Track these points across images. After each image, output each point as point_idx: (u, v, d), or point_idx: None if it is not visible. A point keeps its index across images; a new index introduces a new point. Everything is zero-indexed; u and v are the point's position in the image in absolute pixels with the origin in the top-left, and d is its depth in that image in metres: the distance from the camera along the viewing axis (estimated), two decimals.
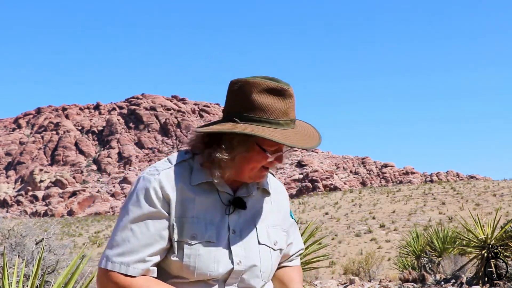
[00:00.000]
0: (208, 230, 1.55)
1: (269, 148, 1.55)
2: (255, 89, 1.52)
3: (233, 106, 1.56)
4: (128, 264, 1.49)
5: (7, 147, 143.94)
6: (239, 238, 1.58)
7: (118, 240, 1.51)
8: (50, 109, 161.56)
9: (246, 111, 1.53)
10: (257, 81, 1.53)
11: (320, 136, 1.63)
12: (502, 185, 64.62)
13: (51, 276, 6.45)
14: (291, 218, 1.80)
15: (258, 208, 1.67)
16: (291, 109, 1.57)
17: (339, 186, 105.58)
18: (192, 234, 1.53)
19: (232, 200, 1.60)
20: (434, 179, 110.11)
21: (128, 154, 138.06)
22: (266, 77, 1.56)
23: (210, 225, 1.55)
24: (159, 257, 1.53)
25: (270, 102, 1.52)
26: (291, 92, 1.57)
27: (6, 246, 6.69)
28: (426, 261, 12.45)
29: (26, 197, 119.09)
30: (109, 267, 1.49)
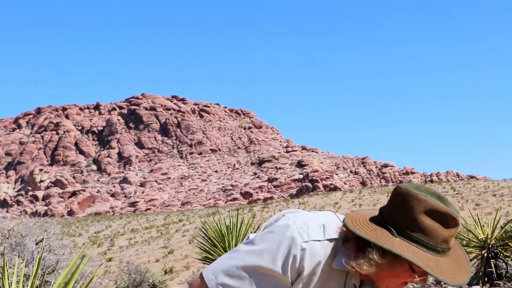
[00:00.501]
0: None
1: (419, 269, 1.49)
2: (422, 207, 1.46)
3: (395, 216, 1.50)
4: None
5: (7, 147, 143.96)
6: None
7: (236, 273, 1.50)
8: (50, 109, 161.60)
9: (406, 227, 1.47)
10: (426, 200, 1.47)
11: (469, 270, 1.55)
12: (502, 185, 64.58)
13: (51, 276, 6.45)
14: None
15: None
16: (452, 237, 1.51)
17: (339, 186, 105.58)
18: None
19: None
20: (434, 179, 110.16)
21: (128, 154, 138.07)
22: (436, 195, 1.50)
23: None
24: None
25: (434, 227, 1.46)
26: (458, 221, 1.50)
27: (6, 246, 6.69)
28: None
29: (26, 197, 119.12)
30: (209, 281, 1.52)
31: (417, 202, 1.47)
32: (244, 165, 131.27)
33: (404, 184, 1.54)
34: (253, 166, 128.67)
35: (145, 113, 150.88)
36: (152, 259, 33.87)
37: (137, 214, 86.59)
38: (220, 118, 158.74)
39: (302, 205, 71.81)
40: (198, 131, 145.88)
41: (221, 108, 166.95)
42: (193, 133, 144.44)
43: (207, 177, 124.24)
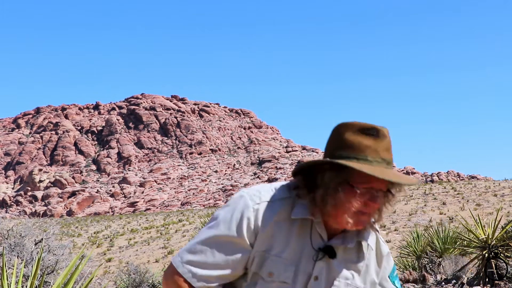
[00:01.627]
0: (287, 271, 1.55)
1: (359, 185, 1.53)
2: (349, 129, 1.55)
3: (327, 147, 1.60)
4: (194, 275, 1.54)
5: (6, 147, 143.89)
6: (319, 286, 1.57)
7: (197, 248, 1.56)
8: (49, 109, 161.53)
9: (336, 149, 1.55)
10: (352, 123, 1.56)
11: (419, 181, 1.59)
12: (503, 185, 64.58)
13: (50, 276, 6.42)
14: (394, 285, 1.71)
15: (346, 260, 1.63)
16: (383, 150, 1.55)
17: None
18: (269, 271, 1.55)
19: (323, 247, 1.57)
20: (434, 179, 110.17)
21: (128, 154, 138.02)
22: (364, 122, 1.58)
23: (290, 267, 1.55)
24: (224, 281, 1.57)
25: (360, 140, 1.53)
26: (384, 132, 1.57)
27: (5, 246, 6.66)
28: (427, 261, 12.43)
29: (25, 197, 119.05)
30: (179, 270, 1.56)
31: (344, 127, 1.56)
32: (244, 165, 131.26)
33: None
34: (253, 166, 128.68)
35: (145, 113, 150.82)
36: (151, 260, 33.85)
37: (136, 214, 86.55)
38: (220, 118, 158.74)
39: None
40: (198, 131, 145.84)
41: (221, 108, 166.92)
42: (193, 133, 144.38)
43: (207, 177, 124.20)
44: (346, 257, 1.62)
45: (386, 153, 1.56)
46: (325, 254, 1.57)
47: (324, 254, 1.57)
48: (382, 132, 1.57)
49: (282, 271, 1.55)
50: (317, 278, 1.56)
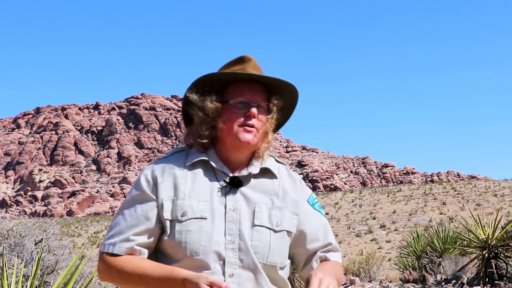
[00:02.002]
0: (201, 207, 1.59)
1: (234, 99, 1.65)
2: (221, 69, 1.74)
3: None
4: (114, 244, 1.59)
5: (6, 147, 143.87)
6: (236, 217, 1.60)
7: (111, 225, 1.63)
8: (49, 109, 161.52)
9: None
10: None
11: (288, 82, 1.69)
12: (503, 185, 64.60)
13: (50, 276, 6.42)
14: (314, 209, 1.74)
15: (260, 189, 1.67)
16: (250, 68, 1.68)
17: (339, 186, 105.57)
18: (183, 211, 1.58)
19: (229, 180, 1.63)
20: (434, 179, 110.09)
21: (128, 154, 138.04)
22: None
23: (203, 203, 1.60)
24: (145, 238, 1.59)
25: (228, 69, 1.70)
26: (250, 57, 1.72)
27: (5, 246, 6.66)
28: (427, 261, 12.43)
29: (25, 197, 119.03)
30: (100, 250, 1.62)
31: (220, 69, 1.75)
32: None
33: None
34: None
35: (145, 113, 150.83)
36: None
37: None
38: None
39: None
40: None
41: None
42: None
43: None
44: (261, 186, 1.67)
45: (252, 69, 1.68)
46: (232, 186, 1.62)
47: (231, 186, 1.62)
48: (248, 57, 1.72)
49: (196, 208, 1.58)
50: (233, 210, 1.60)
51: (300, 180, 1.77)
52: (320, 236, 1.71)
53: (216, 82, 1.69)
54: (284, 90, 1.72)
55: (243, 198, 1.63)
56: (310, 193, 1.76)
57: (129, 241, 1.58)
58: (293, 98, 1.75)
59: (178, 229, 1.57)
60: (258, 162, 1.69)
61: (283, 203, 1.67)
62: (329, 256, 1.70)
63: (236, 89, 1.67)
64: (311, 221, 1.71)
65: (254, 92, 1.67)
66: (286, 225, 1.64)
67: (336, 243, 1.74)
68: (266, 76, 1.66)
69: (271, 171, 1.70)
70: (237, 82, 1.69)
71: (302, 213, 1.70)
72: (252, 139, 1.63)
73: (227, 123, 1.63)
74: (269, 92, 1.71)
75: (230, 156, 1.67)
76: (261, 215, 1.62)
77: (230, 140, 1.64)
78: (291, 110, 1.79)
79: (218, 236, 1.57)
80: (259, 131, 1.65)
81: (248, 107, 1.64)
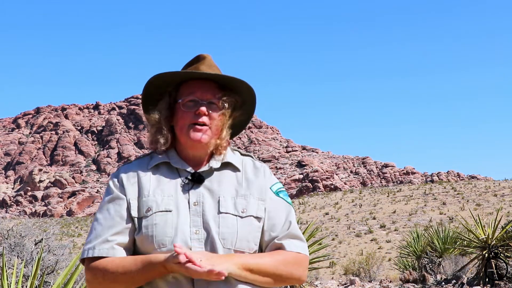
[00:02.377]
0: (165, 201, 1.63)
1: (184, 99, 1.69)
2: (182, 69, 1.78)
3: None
4: (94, 248, 1.60)
5: (6, 147, 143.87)
6: (200, 209, 1.63)
7: (89, 232, 1.66)
8: (49, 109, 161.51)
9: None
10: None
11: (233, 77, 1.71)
12: (503, 185, 64.60)
13: (50, 276, 6.42)
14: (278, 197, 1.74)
15: (224, 181, 1.70)
16: (204, 66, 1.72)
17: (339, 186, 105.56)
18: (147, 207, 1.63)
19: (191, 176, 1.67)
20: (434, 179, 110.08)
21: (128, 154, 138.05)
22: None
23: (168, 198, 1.64)
24: (123, 237, 1.62)
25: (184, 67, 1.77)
26: (205, 55, 1.76)
27: (5, 246, 6.66)
28: (427, 261, 12.43)
29: (25, 197, 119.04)
30: (80, 257, 1.63)
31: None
32: None
33: None
34: None
35: None
36: None
37: None
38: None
39: (302, 205, 71.72)
40: None
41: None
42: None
43: None
44: (224, 178, 1.71)
45: (205, 67, 1.72)
46: (193, 182, 1.66)
47: (193, 182, 1.66)
48: (203, 56, 1.76)
49: (160, 203, 1.63)
50: (196, 204, 1.64)
51: (265, 168, 1.78)
52: (279, 224, 1.69)
53: (167, 84, 1.74)
54: (238, 87, 1.75)
55: (207, 191, 1.66)
56: (274, 181, 1.77)
57: (108, 241, 1.60)
58: (250, 94, 1.78)
59: (145, 224, 1.61)
60: (219, 157, 1.73)
61: (247, 191, 1.69)
62: (285, 244, 1.67)
63: (186, 88, 1.71)
64: (271, 208, 1.71)
65: (205, 90, 1.70)
66: (252, 210, 1.66)
67: (298, 232, 1.71)
68: (206, 73, 1.68)
69: (233, 164, 1.73)
70: (189, 81, 1.73)
71: (267, 201, 1.71)
72: (203, 137, 1.66)
73: (179, 122, 1.68)
74: (223, 89, 1.73)
75: (188, 153, 1.72)
76: (226, 203, 1.65)
77: (183, 139, 1.69)
78: (252, 107, 1.82)
79: (184, 227, 1.60)
80: (211, 128, 1.68)
81: (198, 105, 1.67)
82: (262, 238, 1.69)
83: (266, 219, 1.69)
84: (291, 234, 1.69)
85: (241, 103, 1.78)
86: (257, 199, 1.68)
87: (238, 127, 1.85)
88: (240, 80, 1.72)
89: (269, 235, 1.68)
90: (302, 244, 1.71)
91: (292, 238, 1.69)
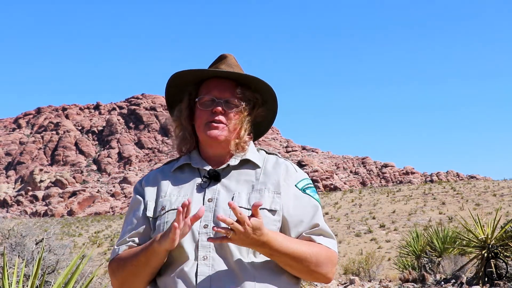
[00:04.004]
0: (179, 200, 1.66)
1: (202, 99, 1.71)
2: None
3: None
4: (114, 250, 1.70)
5: (7, 147, 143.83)
6: (213, 205, 1.64)
7: (123, 227, 1.75)
8: (50, 109, 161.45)
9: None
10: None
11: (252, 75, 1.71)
12: (502, 185, 64.53)
13: (51, 276, 6.45)
14: (304, 193, 1.71)
15: (242, 179, 1.71)
16: (223, 65, 1.74)
17: (339, 186, 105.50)
18: (162, 206, 1.67)
19: (207, 173, 1.69)
20: (434, 179, 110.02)
21: (128, 154, 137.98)
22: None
23: (182, 197, 1.67)
24: (141, 238, 1.67)
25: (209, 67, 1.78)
26: (226, 55, 1.78)
27: (6, 246, 6.68)
28: (426, 261, 12.44)
29: (26, 197, 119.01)
30: (109, 259, 1.73)
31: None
32: None
33: None
34: None
35: (145, 113, 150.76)
36: None
37: None
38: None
39: None
40: None
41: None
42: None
43: None
44: (242, 176, 1.72)
45: (224, 66, 1.73)
46: (210, 179, 1.68)
47: (210, 180, 1.68)
48: (224, 55, 1.78)
49: (174, 201, 1.66)
50: (210, 200, 1.65)
51: (287, 165, 1.76)
52: (306, 219, 1.66)
53: (186, 83, 1.77)
54: (256, 85, 1.75)
55: (224, 189, 1.67)
56: (300, 178, 1.74)
57: (126, 242, 1.68)
58: (269, 92, 1.77)
59: (158, 223, 1.66)
60: (239, 155, 1.73)
61: (262, 186, 1.68)
62: (315, 239, 1.64)
63: (204, 87, 1.74)
64: (297, 204, 1.68)
65: (223, 89, 1.71)
66: (266, 203, 1.64)
67: (327, 228, 1.68)
68: (219, 70, 1.70)
69: (253, 162, 1.73)
70: (207, 80, 1.75)
71: (288, 196, 1.68)
72: (220, 134, 1.68)
73: (197, 121, 1.72)
74: (241, 88, 1.74)
75: (208, 152, 1.74)
76: (240, 198, 1.65)
77: (202, 137, 1.72)
78: (274, 104, 1.82)
79: (195, 223, 1.59)
80: (228, 126, 1.69)
81: (214, 104, 1.69)
82: (288, 234, 1.65)
83: (291, 216, 1.65)
84: (320, 230, 1.67)
85: (262, 101, 1.78)
86: (272, 192, 1.67)
87: (265, 125, 1.86)
88: (257, 79, 1.72)
89: (296, 231, 1.65)
90: (332, 240, 1.67)
91: (323, 235, 1.66)
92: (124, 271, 1.62)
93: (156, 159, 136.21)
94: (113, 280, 1.67)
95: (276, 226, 1.63)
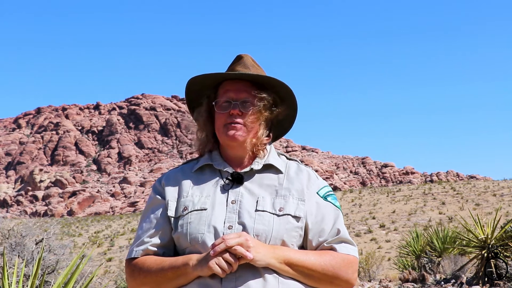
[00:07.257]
0: (202, 201, 1.67)
1: (219, 101, 1.73)
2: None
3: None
4: (132, 250, 1.71)
5: (7, 147, 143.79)
6: (237, 206, 1.65)
7: (140, 225, 1.76)
8: (50, 109, 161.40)
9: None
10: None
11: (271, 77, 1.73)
12: (502, 185, 64.53)
13: (51, 276, 6.45)
14: (326, 201, 1.73)
15: (265, 184, 1.72)
16: (240, 66, 1.76)
17: (339, 186, 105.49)
18: (184, 206, 1.68)
19: (231, 176, 1.71)
20: (434, 179, 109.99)
21: (128, 154, 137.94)
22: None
23: (205, 198, 1.68)
24: (159, 238, 1.68)
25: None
26: (242, 55, 1.80)
27: (6, 246, 6.69)
28: (426, 261, 12.43)
29: (26, 197, 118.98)
30: (126, 258, 1.74)
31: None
32: None
33: None
34: None
35: (145, 113, 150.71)
36: None
37: (137, 214, 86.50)
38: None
39: None
40: None
41: None
42: (193, 133, 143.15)
43: None
44: (265, 180, 1.73)
45: (240, 67, 1.76)
46: (233, 182, 1.69)
47: (233, 182, 1.69)
48: (240, 56, 1.81)
49: (197, 202, 1.67)
50: (234, 202, 1.66)
51: (309, 172, 1.78)
52: (327, 228, 1.68)
53: (204, 87, 1.78)
54: (272, 84, 1.76)
55: (247, 192, 1.68)
56: (322, 185, 1.76)
57: (144, 243, 1.69)
58: (286, 91, 1.77)
59: (180, 223, 1.66)
60: (261, 160, 1.74)
61: (286, 192, 1.69)
62: (337, 247, 1.66)
63: (222, 90, 1.75)
64: (318, 212, 1.70)
65: (238, 90, 1.72)
66: (290, 209, 1.65)
67: (347, 235, 1.70)
68: (231, 73, 1.72)
69: (275, 167, 1.74)
70: (223, 83, 1.77)
71: (311, 203, 1.70)
72: (238, 134, 1.69)
73: (216, 123, 1.74)
74: (258, 88, 1.75)
75: (229, 154, 1.75)
76: (264, 202, 1.66)
77: (221, 139, 1.74)
78: (293, 102, 1.81)
79: (217, 224, 1.61)
80: (246, 126, 1.69)
81: (231, 106, 1.71)
82: (310, 244, 1.67)
83: (313, 224, 1.67)
84: (341, 238, 1.69)
85: (280, 100, 1.78)
86: (296, 199, 1.68)
87: (287, 124, 1.86)
88: (269, 77, 1.73)
89: (317, 240, 1.67)
90: (352, 247, 1.70)
91: (342, 242, 1.69)
92: (146, 278, 1.64)
93: (156, 159, 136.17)
94: (131, 280, 1.68)
95: (298, 233, 1.66)
